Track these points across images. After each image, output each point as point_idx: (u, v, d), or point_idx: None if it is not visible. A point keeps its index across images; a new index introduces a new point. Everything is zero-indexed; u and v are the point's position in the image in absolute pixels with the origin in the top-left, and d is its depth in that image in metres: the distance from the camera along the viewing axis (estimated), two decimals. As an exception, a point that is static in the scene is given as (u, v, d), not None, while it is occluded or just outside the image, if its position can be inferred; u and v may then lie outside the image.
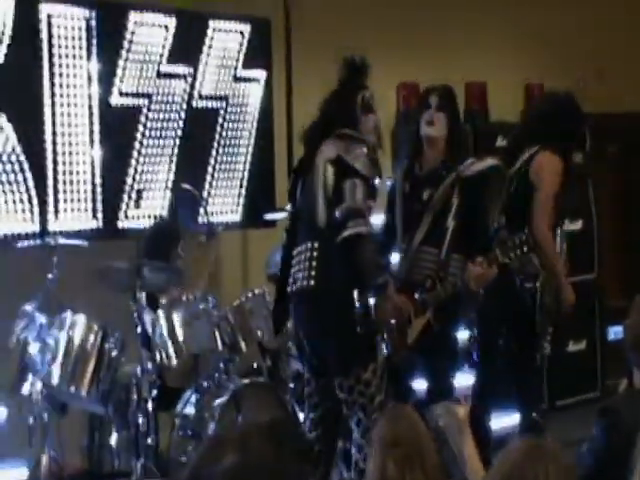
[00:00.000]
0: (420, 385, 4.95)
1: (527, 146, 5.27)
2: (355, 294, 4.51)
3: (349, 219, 4.44)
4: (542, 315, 5.12)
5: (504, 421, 5.71)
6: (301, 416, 5.11)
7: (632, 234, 8.72)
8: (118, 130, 6.07)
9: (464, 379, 5.53)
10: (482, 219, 4.85)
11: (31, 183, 5.67)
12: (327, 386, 4.65)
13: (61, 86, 5.80)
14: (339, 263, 4.48)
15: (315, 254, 4.57)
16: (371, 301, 4.55)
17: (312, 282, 4.55)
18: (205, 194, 6.42)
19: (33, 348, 5.03)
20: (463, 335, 5.38)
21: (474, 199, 4.83)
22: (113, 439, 5.27)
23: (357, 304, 4.50)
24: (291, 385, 5.62)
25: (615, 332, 7.62)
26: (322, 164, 4.62)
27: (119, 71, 6.04)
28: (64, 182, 5.83)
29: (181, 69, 6.33)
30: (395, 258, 5.03)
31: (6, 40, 5.50)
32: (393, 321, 4.71)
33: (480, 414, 5.26)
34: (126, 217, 6.10)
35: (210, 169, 6.55)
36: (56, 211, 5.79)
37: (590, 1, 8.58)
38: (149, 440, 5.15)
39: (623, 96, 8.45)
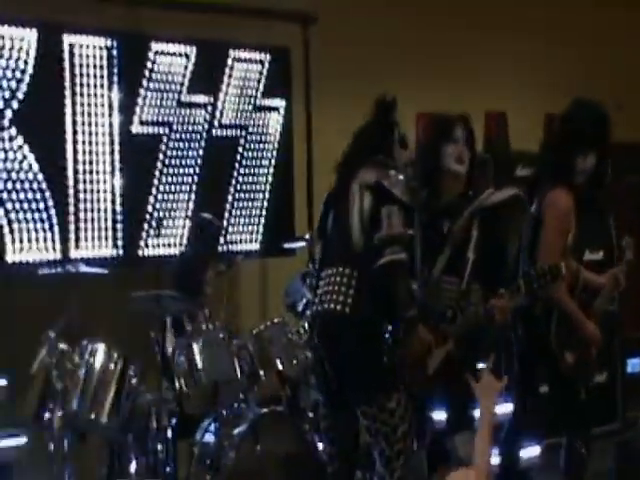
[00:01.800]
0: (439, 415, 4.94)
1: (543, 182, 5.23)
2: (385, 324, 4.50)
3: (386, 246, 4.42)
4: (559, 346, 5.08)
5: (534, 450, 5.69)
6: (320, 446, 5.09)
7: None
8: (139, 159, 6.13)
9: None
10: (502, 250, 4.83)
11: (52, 211, 5.72)
12: (346, 420, 4.63)
13: (83, 115, 5.86)
14: (374, 290, 4.46)
15: (350, 280, 4.52)
16: (399, 332, 4.53)
17: (347, 308, 4.51)
18: (225, 223, 6.44)
19: (54, 376, 5.03)
20: (484, 365, 5.35)
21: (494, 230, 4.82)
22: (132, 467, 5.25)
23: (387, 334, 4.49)
24: (310, 415, 5.60)
25: (633, 365, 7.58)
26: (358, 189, 4.58)
27: (140, 100, 6.10)
28: (85, 210, 5.88)
29: (201, 98, 6.38)
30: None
31: (29, 70, 5.58)
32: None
33: (511, 445, 5.25)
34: (146, 245, 6.13)
35: (230, 198, 6.58)
36: (77, 239, 5.84)
37: (608, 34, 8.59)
38: (168, 469, 5.15)
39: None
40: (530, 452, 5.77)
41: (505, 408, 5.50)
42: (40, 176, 5.66)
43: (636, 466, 3.13)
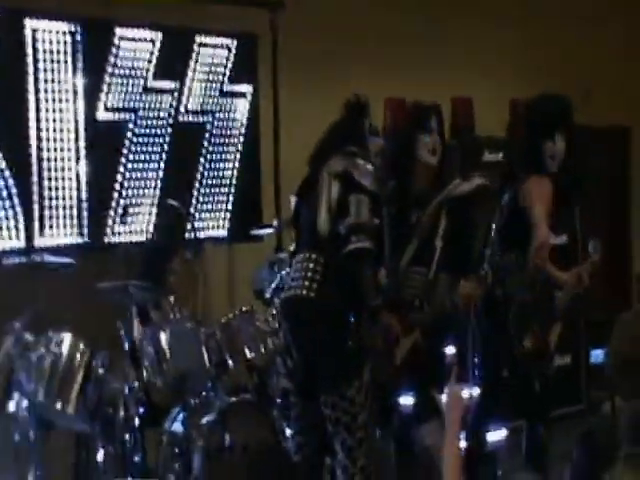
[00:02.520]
0: (406, 402, 4.94)
1: (516, 171, 5.23)
2: (350, 311, 4.49)
3: (353, 234, 4.42)
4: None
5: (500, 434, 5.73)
6: (288, 432, 5.09)
7: (617, 247, 8.74)
8: (104, 145, 6.07)
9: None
10: (470, 239, 4.85)
11: (16, 199, 5.66)
12: (313, 409, 4.62)
13: (46, 101, 5.79)
14: (340, 277, 4.46)
15: (316, 266, 4.52)
16: (363, 320, 4.52)
17: (312, 293, 4.51)
18: (192, 209, 6.40)
19: (19, 366, 4.97)
20: (450, 351, 5.35)
21: (462, 220, 4.84)
22: (100, 457, 5.22)
23: (351, 321, 4.48)
24: (278, 402, 5.59)
25: (596, 355, 7.63)
26: (327, 178, 4.58)
27: (105, 86, 6.03)
28: (50, 198, 5.82)
29: (167, 84, 6.33)
30: (382, 277, 5.01)
31: (-9, 55, 5.49)
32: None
33: (477, 428, 5.27)
34: (112, 233, 6.08)
35: (196, 184, 6.53)
36: (42, 227, 5.77)
37: (575, 20, 8.62)
38: (136, 458, 5.13)
39: (609, 110, 8.50)
40: (496, 435, 5.82)
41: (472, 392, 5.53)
42: (3, 164, 5.59)
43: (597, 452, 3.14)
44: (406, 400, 4.96)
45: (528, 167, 5.13)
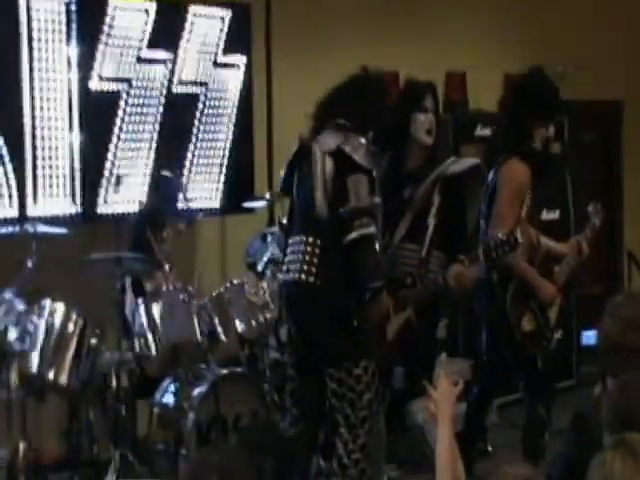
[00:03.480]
0: (397, 380, 4.98)
1: (501, 150, 5.24)
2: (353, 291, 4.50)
3: (356, 219, 4.41)
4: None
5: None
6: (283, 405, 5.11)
7: (609, 223, 8.77)
8: (97, 115, 6.05)
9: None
10: (462, 218, 4.86)
11: (9, 168, 5.65)
12: (313, 383, 4.64)
13: (40, 71, 5.77)
14: (342, 261, 4.45)
15: (314, 249, 4.51)
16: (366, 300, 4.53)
17: (311, 278, 4.50)
18: (184, 180, 6.40)
19: (12, 335, 5.00)
20: (441, 327, 5.39)
21: (455, 198, 4.85)
22: (91, 426, 5.26)
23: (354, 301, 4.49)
24: (268, 374, 5.64)
25: (588, 337, 7.67)
26: (320, 155, 4.53)
27: (99, 56, 6.01)
28: (43, 167, 5.81)
29: (161, 54, 6.30)
30: None
31: (-15, 25, 5.47)
32: None
33: (478, 408, 5.32)
34: (105, 202, 6.08)
35: (189, 155, 6.53)
36: (35, 196, 5.77)
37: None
38: (127, 428, 5.17)
39: (602, 84, 8.50)
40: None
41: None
42: (-4, 132, 5.59)
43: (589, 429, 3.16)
44: (398, 376, 5.00)
45: (512, 148, 5.14)
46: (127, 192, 6.15)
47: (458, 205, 4.86)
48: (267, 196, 6.34)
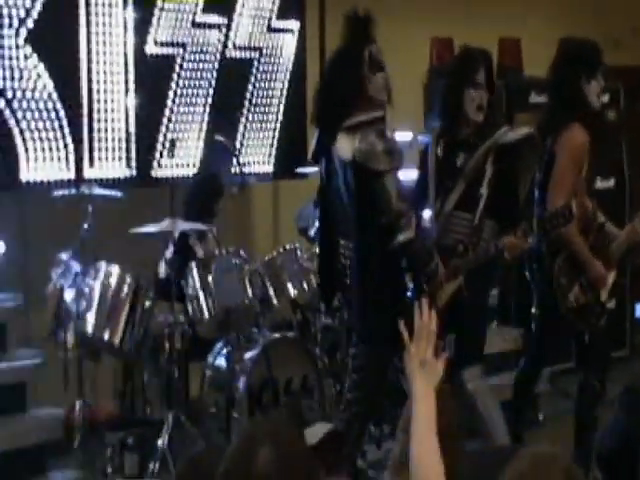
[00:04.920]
0: (448, 347, 5.00)
1: (556, 119, 5.19)
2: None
3: (394, 225, 4.51)
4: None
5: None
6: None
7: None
8: (153, 79, 6.09)
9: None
10: (515, 188, 4.85)
11: (67, 131, 5.72)
12: (380, 355, 4.69)
13: (97, 35, 5.82)
14: (394, 266, 4.59)
15: (354, 254, 4.63)
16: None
17: (355, 280, 4.62)
18: (238, 145, 6.44)
19: (68, 296, 5.09)
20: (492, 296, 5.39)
21: (508, 168, 4.83)
22: (145, 387, 5.35)
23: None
24: (320, 339, 5.68)
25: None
26: (341, 165, 4.63)
27: (154, 20, 6.05)
28: (99, 130, 5.87)
29: (216, 19, 6.33)
30: (426, 217, 5.05)
31: (44, -12, 5.51)
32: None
33: (527, 377, 5.33)
34: (159, 166, 6.14)
35: (243, 120, 6.56)
36: (91, 159, 5.84)
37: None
38: (180, 390, 5.24)
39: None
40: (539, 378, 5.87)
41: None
42: (54, 95, 5.63)
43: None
44: (449, 343, 5.02)
45: (570, 113, 5.09)
46: (181, 156, 6.20)
47: (511, 175, 4.84)
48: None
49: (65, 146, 5.72)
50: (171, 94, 6.18)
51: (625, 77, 7.72)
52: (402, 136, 6.98)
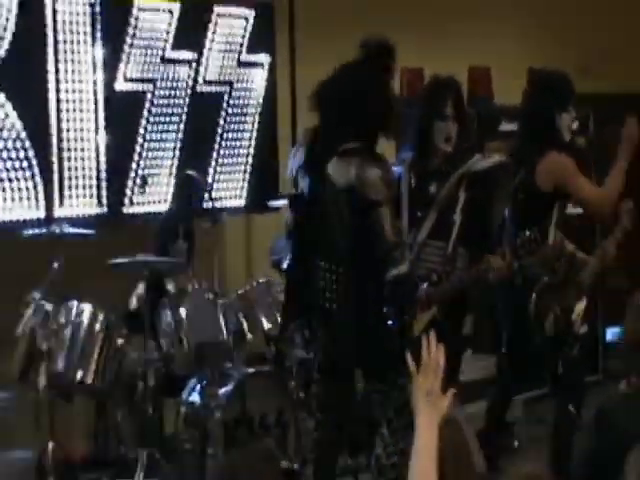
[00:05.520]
0: None
1: (528, 150, 5.22)
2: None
3: (388, 257, 4.43)
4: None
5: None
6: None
7: (637, 216, 8.70)
8: (123, 116, 6.10)
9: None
10: (488, 215, 4.85)
11: (36, 169, 5.70)
12: (342, 390, 4.66)
13: (66, 72, 5.82)
14: (377, 291, 4.51)
15: (341, 278, 4.53)
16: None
17: (340, 305, 4.55)
18: (209, 180, 6.43)
19: (40, 336, 5.05)
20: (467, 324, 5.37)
21: (481, 195, 4.82)
22: (119, 426, 5.30)
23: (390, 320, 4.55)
24: (295, 372, 5.64)
25: (613, 333, 7.62)
26: (334, 192, 4.48)
27: (124, 56, 6.05)
28: (69, 168, 5.86)
29: (185, 54, 6.35)
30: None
31: (11, 26, 5.51)
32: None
33: (498, 405, 5.32)
34: (131, 203, 6.12)
35: (214, 154, 6.56)
36: (61, 197, 5.82)
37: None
38: (154, 427, 5.20)
39: (626, 77, 8.45)
40: (513, 405, 5.87)
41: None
42: (23, 134, 5.62)
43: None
44: None
45: (544, 141, 5.12)
46: (153, 192, 6.19)
47: (484, 202, 4.84)
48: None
49: (35, 185, 5.70)
50: (142, 130, 6.19)
51: (594, 104, 7.78)
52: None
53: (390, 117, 4.56)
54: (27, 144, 5.64)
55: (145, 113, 6.19)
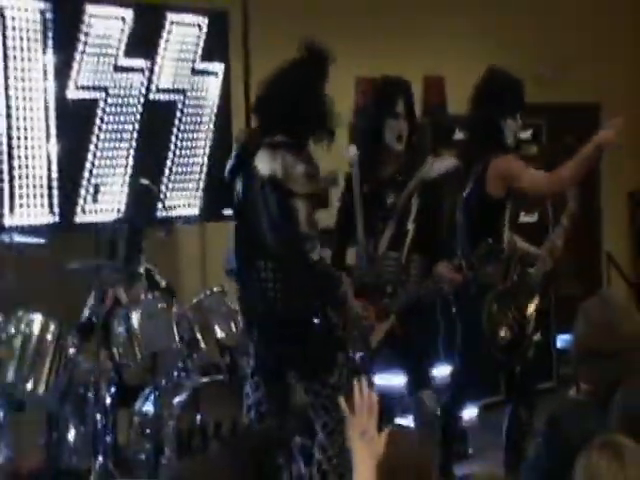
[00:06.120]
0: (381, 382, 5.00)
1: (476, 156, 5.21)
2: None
3: (301, 246, 4.39)
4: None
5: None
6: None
7: (587, 225, 8.79)
8: (75, 124, 6.03)
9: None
10: (441, 221, 4.85)
11: (-14, 178, 5.62)
12: (280, 394, 4.64)
13: (16, 79, 5.75)
14: (299, 285, 4.46)
15: (270, 274, 4.51)
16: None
17: (278, 303, 4.52)
18: (163, 188, 6.39)
19: (-11, 346, 4.98)
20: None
21: (434, 201, 4.83)
22: (71, 437, 5.24)
23: (318, 316, 4.49)
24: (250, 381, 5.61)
25: (562, 340, 7.68)
26: (259, 182, 4.48)
27: (75, 64, 5.99)
28: (20, 177, 5.78)
29: (138, 62, 6.29)
30: (352, 258, 5.02)
31: (-41, 34, 5.45)
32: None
33: (454, 407, 5.32)
34: (83, 212, 6.06)
35: (168, 163, 6.52)
36: (12, 206, 5.74)
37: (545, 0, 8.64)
38: (107, 438, 5.15)
39: (580, 87, 8.54)
40: (468, 413, 5.88)
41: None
42: (-27, 143, 5.56)
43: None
44: (381, 380, 5.01)
45: (490, 148, 5.13)
46: (105, 201, 6.13)
47: (438, 208, 4.84)
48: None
49: (-16, 194, 5.63)
50: (94, 138, 6.12)
51: (547, 113, 7.85)
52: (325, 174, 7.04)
53: (320, 117, 4.53)
54: (-24, 152, 5.57)
55: (97, 121, 6.13)
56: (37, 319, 5.07)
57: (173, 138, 6.55)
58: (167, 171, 6.51)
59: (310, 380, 4.50)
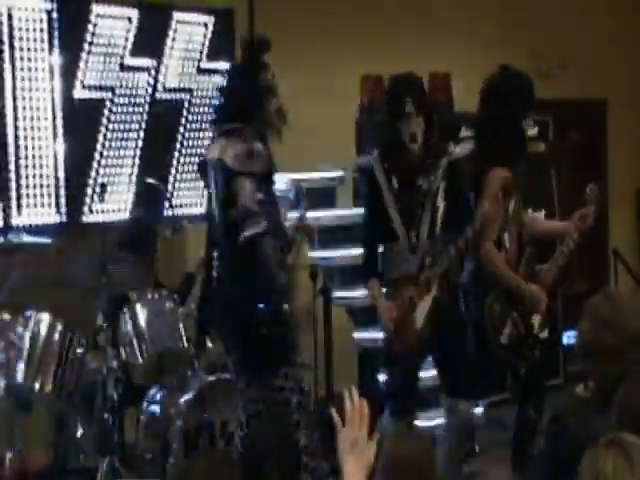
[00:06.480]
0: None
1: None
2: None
3: (243, 220, 4.51)
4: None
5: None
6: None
7: (594, 221, 8.77)
8: (81, 124, 6.04)
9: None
10: (464, 198, 4.97)
11: (-7, 178, 5.64)
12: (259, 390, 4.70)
13: (23, 79, 5.76)
14: (242, 265, 4.55)
15: (219, 256, 4.65)
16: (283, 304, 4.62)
17: (219, 285, 4.62)
18: (170, 187, 6.40)
19: (-3, 346, 5.00)
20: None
21: (459, 180, 4.94)
22: (78, 436, 5.26)
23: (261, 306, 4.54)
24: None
25: (569, 337, 7.66)
26: (210, 167, 4.72)
27: (82, 64, 6.01)
28: (27, 176, 5.80)
29: (145, 62, 6.31)
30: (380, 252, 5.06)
31: (-34, 34, 5.46)
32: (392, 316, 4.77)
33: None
34: (90, 211, 6.07)
35: (175, 162, 6.53)
36: (19, 206, 5.75)
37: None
38: (114, 437, 5.16)
39: (587, 83, 8.53)
40: (476, 410, 5.87)
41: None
42: (-21, 142, 5.58)
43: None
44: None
45: (493, 158, 5.07)
46: (112, 201, 6.15)
47: (462, 186, 4.96)
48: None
49: (-8, 193, 5.65)
50: (101, 138, 6.14)
51: (554, 110, 7.84)
52: (332, 173, 7.06)
53: (258, 102, 4.79)
54: (-17, 153, 5.59)
55: (104, 121, 6.14)
56: (44, 319, 5.08)
57: (179, 137, 6.56)
58: (174, 170, 6.52)
59: (258, 387, 4.58)
